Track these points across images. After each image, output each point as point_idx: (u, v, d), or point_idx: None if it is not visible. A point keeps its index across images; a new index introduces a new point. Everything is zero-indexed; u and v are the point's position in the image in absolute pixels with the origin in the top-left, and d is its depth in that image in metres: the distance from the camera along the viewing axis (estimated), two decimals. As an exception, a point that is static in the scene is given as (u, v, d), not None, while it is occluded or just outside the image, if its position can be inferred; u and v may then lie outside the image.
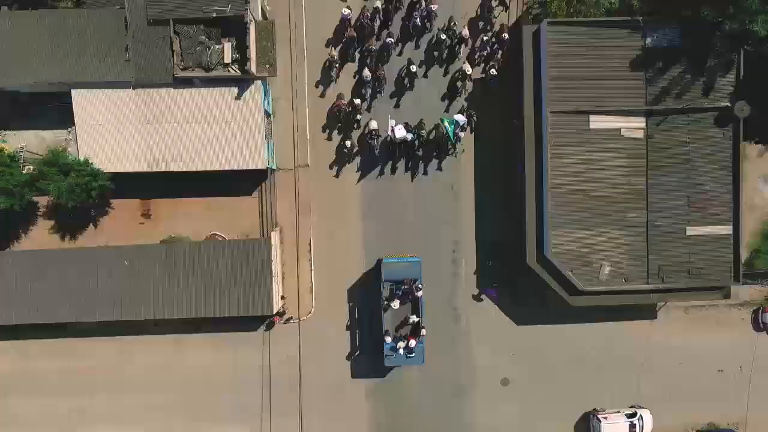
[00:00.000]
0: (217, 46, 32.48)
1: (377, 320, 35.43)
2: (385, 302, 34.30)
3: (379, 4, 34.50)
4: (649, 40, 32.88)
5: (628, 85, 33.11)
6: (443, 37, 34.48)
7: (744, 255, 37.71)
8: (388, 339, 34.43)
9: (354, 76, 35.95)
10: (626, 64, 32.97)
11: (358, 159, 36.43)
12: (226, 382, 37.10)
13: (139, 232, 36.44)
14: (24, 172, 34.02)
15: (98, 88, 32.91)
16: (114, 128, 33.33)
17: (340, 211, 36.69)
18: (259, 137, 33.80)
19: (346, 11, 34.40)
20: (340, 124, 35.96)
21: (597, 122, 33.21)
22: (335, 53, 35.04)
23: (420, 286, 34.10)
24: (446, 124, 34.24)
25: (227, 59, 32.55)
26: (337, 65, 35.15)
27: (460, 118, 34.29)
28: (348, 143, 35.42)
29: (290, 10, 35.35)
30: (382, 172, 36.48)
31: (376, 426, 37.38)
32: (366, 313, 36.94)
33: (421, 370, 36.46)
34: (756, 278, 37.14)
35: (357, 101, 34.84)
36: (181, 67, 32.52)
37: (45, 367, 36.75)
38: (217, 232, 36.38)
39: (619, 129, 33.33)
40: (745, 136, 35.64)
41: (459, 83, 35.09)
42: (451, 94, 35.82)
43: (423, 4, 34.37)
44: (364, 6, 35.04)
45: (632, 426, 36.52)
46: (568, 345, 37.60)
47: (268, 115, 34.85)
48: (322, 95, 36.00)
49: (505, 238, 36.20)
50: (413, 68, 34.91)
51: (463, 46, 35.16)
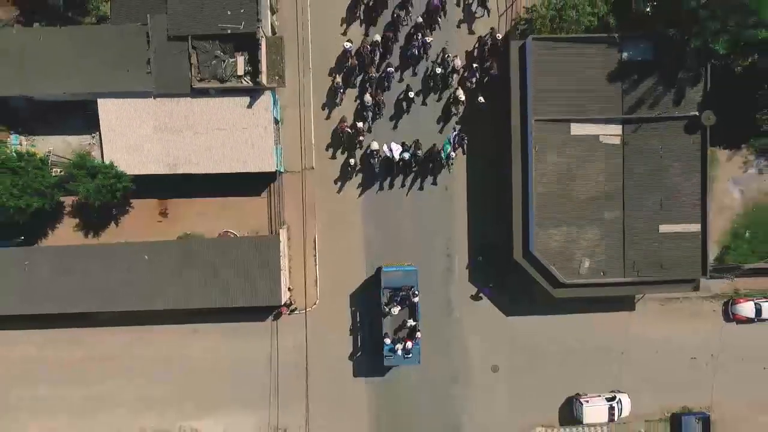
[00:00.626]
0: (231, 60, 35.54)
1: (377, 323, 38.28)
2: (385, 307, 37.20)
3: (378, 37, 37.60)
4: (625, 54, 36.01)
5: (606, 95, 36.24)
6: (438, 70, 37.58)
7: (715, 251, 40.99)
8: (387, 341, 37.37)
9: (355, 100, 39.05)
10: (604, 77, 36.10)
11: (360, 175, 39.46)
12: (236, 370, 39.88)
13: (157, 230, 39.35)
14: (53, 174, 36.91)
15: (122, 97, 35.93)
16: (136, 134, 36.32)
17: (343, 215, 39.66)
18: (269, 142, 36.80)
19: (348, 44, 37.70)
20: (344, 144, 39.02)
21: (577, 129, 36.34)
22: (339, 80, 38.12)
23: (416, 292, 37.02)
24: (444, 146, 37.61)
25: (240, 71, 35.61)
26: (341, 91, 38.22)
27: (452, 135, 37.58)
28: (351, 161, 38.59)
29: (298, 26, 38.53)
30: (381, 187, 39.54)
31: (376, 407, 40.22)
32: (366, 317, 39.79)
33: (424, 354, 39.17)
34: (725, 272, 40.15)
35: (360, 124, 37.96)
36: (198, 78, 35.59)
37: (68, 355, 39.63)
38: (229, 230, 39.33)
39: (598, 135, 36.44)
40: (715, 141, 39.03)
41: (453, 107, 38.22)
42: (445, 116, 38.94)
43: (419, 36, 37.45)
44: (365, 38, 38.27)
45: (611, 408, 39.48)
46: (553, 335, 40.53)
47: (276, 122, 37.84)
48: (328, 117, 39.15)
49: (495, 235, 39.16)
50: (411, 94, 38.08)
51: (455, 75, 38.23)
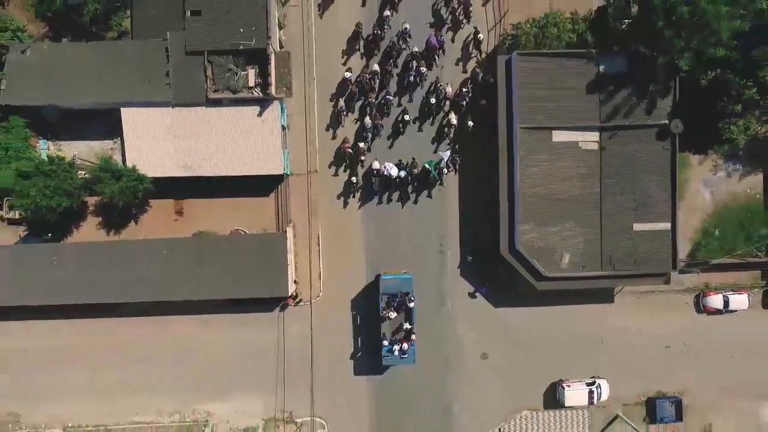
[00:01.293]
0: (243, 73, 38.94)
1: (376, 324, 41.45)
2: (383, 312, 40.53)
3: (377, 67, 40.99)
4: (602, 68, 39.34)
5: (584, 105, 39.56)
6: (432, 101, 41.03)
7: (688, 248, 44.36)
8: (385, 342, 40.72)
9: (355, 122, 42.46)
10: (583, 88, 39.44)
11: (361, 190, 42.86)
12: (245, 357, 43.03)
13: (173, 228, 42.69)
14: (79, 177, 40.25)
15: (143, 106, 39.28)
16: (156, 140, 39.66)
17: (345, 216, 43.08)
18: (277, 147, 40.20)
19: (348, 74, 41.28)
20: (346, 162, 42.47)
21: (559, 136, 39.70)
22: (342, 103, 41.50)
23: (412, 298, 40.34)
24: (427, 166, 41.02)
25: (251, 83, 39.00)
26: (344, 114, 41.61)
27: (446, 155, 40.92)
28: (353, 179, 42.02)
29: (304, 42, 42.01)
30: (380, 201, 42.93)
31: (375, 392, 43.53)
32: (366, 317, 42.98)
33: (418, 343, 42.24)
34: (696, 267, 43.42)
35: (362, 145, 41.40)
36: (212, 89, 38.97)
37: (92, 343, 42.89)
38: (240, 228, 42.65)
39: (577, 142, 39.80)
40: (687, 147, 42.38)
41: (446, 129, 41.60)
42: (438, 137, 42.32)
43: (414, 63, 40.87)
44: (364, 68, 41.73)
45: (591, 393, 42.69)
46: (538, 325, 43.77)
47: (284, 128, 41.23)
48: (334, 137, 42.64)
49: (483, 236, 42.29)
50: (406, 117, 41.47)
51: (447, 101, 41.63)
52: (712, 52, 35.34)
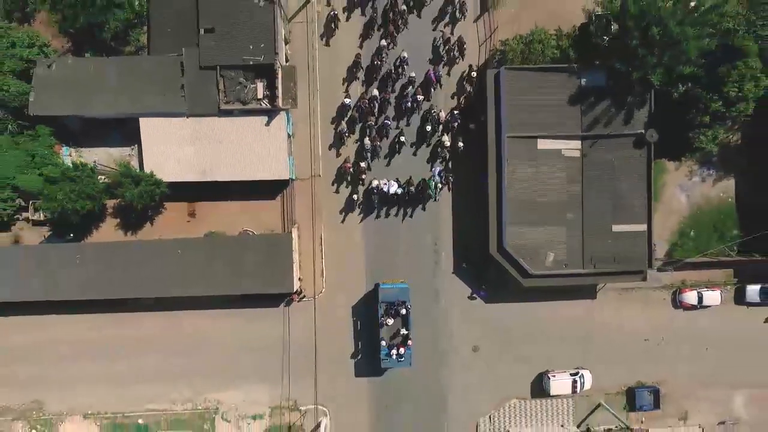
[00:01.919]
0: (252, 86, 42.16)
1: (375, 329, 44.41)
2: (382, 318, 43.63)
3: (376, 92, 44.20)
4: (583, 81, 42.55)
5: (567, 116, 42.77)
6: (428, 128, 44.21)
7: (665, 247, 47.53)
8: (384, 347, 43.78)
9: (356, 143, 45.68)
10: (566, 100, 42.65)
11: (362, 206, 46.02)
12: (253, 349, 45.95)
13: (186, 228, 45.77)
14: (101, 181, 43.44)
15: (160, 116, 42.45)
16: (171, 147, 42.83)
17: (347, 225, 46.35)
18: (283, 154, 43.41)
19: (347, 100, 44.53)
20: (347, 180, 45.68)
21: (543, 144, 42.92)
22: (344, 125, 44.74)
23: (409, 307, 43.39)
24: (430, 183, 44.22)
25: (260, 95, 42.21)
26: (346, 135, 44.86)
27: (437, 170, 44.21)
28: (355, 197, 45.29)
29: (308, 56, 45.27)
30: (378, 215, 46.12)
31: (374, 380, 46.50)
32: (366, 325, 46.01)
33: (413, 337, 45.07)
34: (671, 265, 46.57)
35: (362, 164, 44.64)
36: (224, 101, 42.17)
37: (110, 335, 45.94)
38: (248, 228, 45.77)
39: (561, 149, 43.00)
40: (665, 154, 45.52)
41: (440, 149, 44.75)
42: (432, 157, 45.51)
43: (411, 88, 44.13)
44: (364, 92, 44.98)
45: (574, 382, 45.73)
46: (526, 319, 46.74)
47: (289, 136, 44.39)
48: (338, 155, 45.83)
49: (474, 237, 45.39)
50: (402, 138, 44.65)
51: (441, 126, 44.72)
52: (681, 68, 38.52)
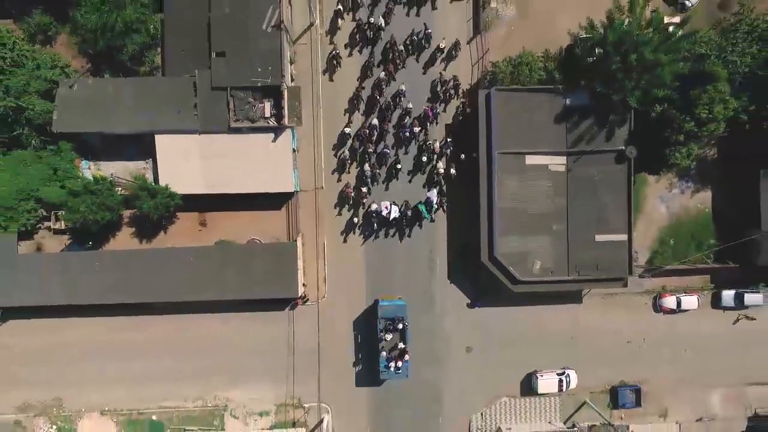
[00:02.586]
0: (260, 105, 45.18)
1: (374, 343, 47.34)
2: (381, 333, 46.59)
3: (376, 121, 47.27)
4: (568, 101, 45.60)
5: (553, 133, 45.82)
6: (424, 159, 47.42)
7: (646, 255, 50.60)
8: (383, 360, 46.72)
9: (357, 168, 48.75)
10: (552, 119, 45.69)
11: (362, 227, 49.05)
12: (260, 350, 48.83)
13: (198, 237, 48.75)
14: (119, 193, 46.47)
15: (174, 133, 45.48)
16: (185, 162, 45.81)
17: (349, 245, 49.39)
18: (289, 169, 46.45)
19: (347, 129, 47.67)
20: (349, 203, 48.76)
21: (531, 160, 45.99)
22: (347, 153, 47.82)
23: (406, 323, 46.28)
24: (421, 208, 47.16)
25: (267, 114, 45.24)
26: (348, 162, 47.93)
27: (434, 196, 47.15)
28: (355, 219, 48.32)
29: (312, 75, 48.43)
30: (377, 236, 49.17)
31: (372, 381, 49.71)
32: (365, 335, 48.86)
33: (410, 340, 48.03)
34: (651, 272, 49.63)
35: (363, 189, 47.65)
36: (234, 119, 45.20)
37: (126, 337, 48.79)
38: (256, 237, 48.78)
39: (547, 165, 46.05)
40: (645, 168, 48.55)
41: (435, 176, 47.81)
42: (428, 182, 48.54)
43: (408, 119, 47.29)
44: (364, 122, 48.03)
45: (561, 382, 48.75)
46: (516, 322, 49.68)
47: (294, 151, 47.42)
48: (339, 180, 49.00)
49: (467, 243, 48.54)
50: (398, 166, 47.78)
51: (435, 155, 47.69)
52: (656, 91, 41.62)
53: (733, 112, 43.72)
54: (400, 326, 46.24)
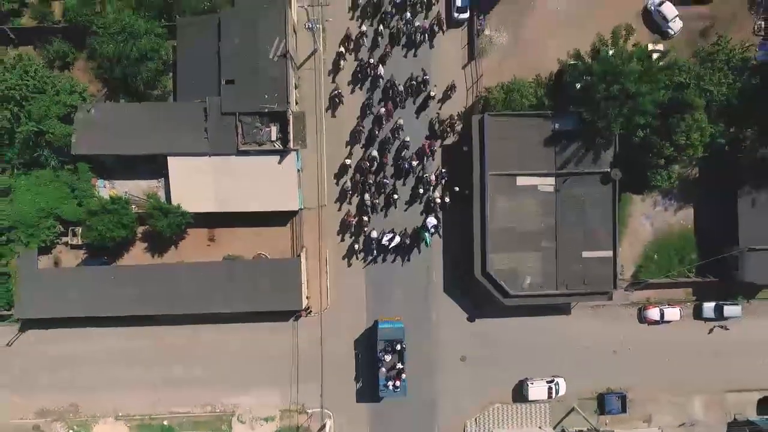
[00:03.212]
0: (266, 129, 47.93)
1: (374, 359, 49.92)
2: (380, 353, 49.27)
3: (375, 153, 50.01)
4: (556, 126, 48.35)
5: (543, 155, 48.56)
6: (420, 190, 50.16)
7: (632, 269, 53.32)
8: (382, 379, 49.43)
9: (357, 196, 51.47)
10: (541, 142, 48.45)
11: (362, 253, 51.75)
12: (265, 358, 51.51)
13: (206, 252, 51.47)
14: (133, 211, 49.20)
15: (186, 156, 48.18)
16: (196, 182, 48.52)
17: (352, 269, 52.20)
18: (294, 188, 49.21)
19: (348, 161, 50.35)
20: (350, 231, 51.52)
21: (522, 181, 48.76)
22: (348, 183, 50.53)
23: (404, 345, 48.90)
24: (424, 235, 49.96)
25: (273, 137, 47.98)
26: (349, 192, 50.72)
27: (431, 222, 49.92)
28: (356, 246, 51.06)
29: (316, 99, 51.26)
30: (375, 261, 51.85)
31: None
32: (365, 355, 51.49)
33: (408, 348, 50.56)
34: (635, 286, 52.41)
35: (365, 218, 50.44)
36: (242, 142, 47.93)
37: (138, 346, 51.55)
38: (262, 252, 51.50)
39: (537, 185, 48.82)
40: (631, 188, 51.23)
41: (432, 204, 50.49)
42: (425, 210, 51.28)
43: (407, 153, 50.10)
44: (363, 154, 50.85)
45: (550, 389, 51.38)
46: (508, 333, 52.37)
47: (299, 171, 50.18)
48: (339, 209, 51.83)
49: (461, 261, 51.38)
50: (396, 196, 50.50)
51: (432, 187, 50.51)
52: (638, 119, 44.42)
53: (710, 137, 46.48)
54: (399, 348, 48.93)
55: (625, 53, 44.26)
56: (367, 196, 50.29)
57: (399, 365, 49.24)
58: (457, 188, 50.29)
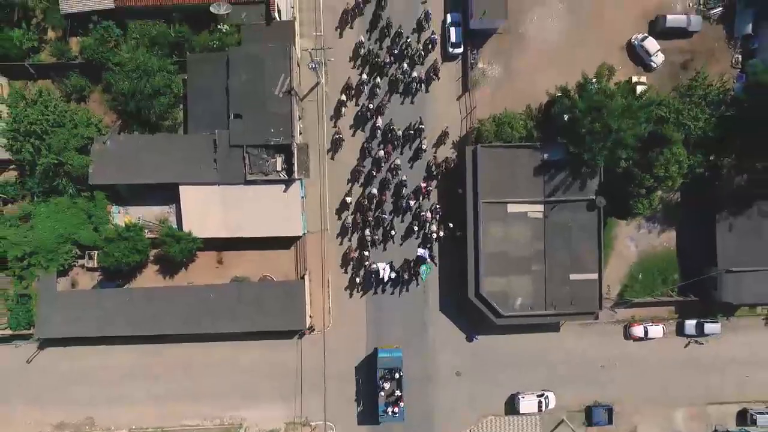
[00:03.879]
0: (272, 160, 50.88)
1: (374, 390, 52.92)
2: (380, 381, 52.30)
3: (375, 191, 53.07)
4: (545, 156, 51.36)
5: (532, 184, 51.57)
6: (415, 228, 53.25)
7: (617, 288, 56.30)
8: (381, 405, 52.33)
9: (358, 232, 54.51)
10: (531, 171, 51.44)
11: (362, 285, 54.76)
12: (271, 374, 54.44)
13: (215, 274, 54.46)
14: (146, 237, 52.15)
15: (197, 185, 51.14)
16: (206, 209, 51.46)
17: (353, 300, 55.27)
18: (298, 215, 52.19)
19: (348, 198, 53.34)
20: (352, 263, 54.55)
21: (512, 208, 51.79)
22: (349, 220, 53.49)
23: (402, 373, 51.83)
24: (422, 269, 52.86)
25: (278, 168, 50.92)
26: (350, 228, 53.69)
27: (426, 254, 52.82)
28: (357, 280, 54.13)
29: (318, 129, 54.29)
30: (375, 292, 54.86)
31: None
32: (365, 385, 54.51)
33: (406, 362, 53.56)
34: (620, 306, 55.42)
35: (366, 252, 53.42)
36: (249, 173, 50.83)
37: (150, 362, 54.41)
38: (268, 274, 54.49)
39: (527, 212, 51.85)
40: (615, 213, 54.20)
41: (428, 236, 53.40)
42: (422, 243, 54.18)
43: (406, 191, 53.12)
44: (363, 191, 53.82)
45: (540, 402, 54.31)
46: (500, 349, 55.40)
47: (302, 198, 53.12)
48: (341, 244, 54.83)
49: (457, 282, 54.30)
50: (393, 232, 53.54)
51: (427, 223, 53.43)
52: (620, 152, 47.49)
53: (688, 168, 49.54)
54: (397, 375, 51.94)
55: (608, 90, 47.25)
56: (368, 231, 53.33)
57: (397, 392, 52.17)
58: (451, 224, 53.28)
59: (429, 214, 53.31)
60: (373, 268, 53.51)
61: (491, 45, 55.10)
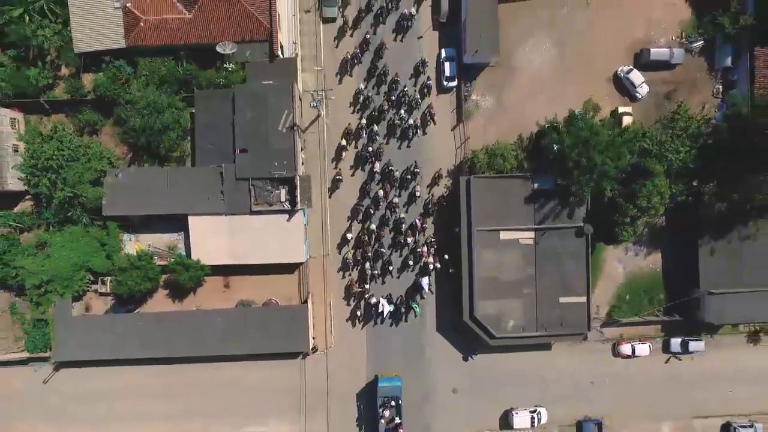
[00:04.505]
0: (276, 191, 53.58)
1: (374, 417, 55.63)
2: (379, 409, 54.79)
3: (374, 227, 55.78)
4: (535, 185, 54.09)
5: (523, 212, 54.31)
6: (410, 262, 55.94)
7: (606, 309, 58.99)
8: (381, 431, 54.89)
9: (358, 266, 57.28)
10: (522, 200, 54.19)
11: (363, 316, 57.48)
12: (275, 392, 57.06)
13: (222, 298, 57.06)
14: (156, 264, 54.87)
15: (204, 215, 53.83)
16: (213, 238, 54.15)
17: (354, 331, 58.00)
18: (301, 243, 54.86)
19: (349, 235, 56.11)
20: (354, 296, 57.25)
21: (504, 235, 54.52)
22: (350, 256, 56.33)
23: (400, 402, 54.43)
24: (414, 306, 55.82)
25: (282, 199, 53.61)
26: (350, 263, 56.49)
27: (425, 283, 55.48)
28: (358, 312, 56.80)
29: (320, 159, 56.93)
30: (375, 323, 57.60)
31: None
32: (366, 411, 57.16)
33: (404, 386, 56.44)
34: (608, 326, 58.12)
35: (366, 286, 56.29)
36: (255, 203, 53.52)
37: (162, 382, 57.02)
38: (273, 297, 57.22)
39: (518, 239, 54.59)
40: (602, 239, 56.84)
41: (425, 267, 56.06)
42: (420, 273, 56.87)
43: (404, 227, 55.72)
44: (362, 227, 56.49)
45: (533, 418, 57.00)
46: (495, 367, 58.02)
47: (305, 225, 55.81)
48: (343, 277, 57.56)
49: (452, 305, 57.16)
50: (390, 267, 56.31)
51: (423, 258, 56.15)
52: (604, 184, 50.24)
53: (670, 197, 52.26)
54: (393, 403, 54.62)
55: (595, 126, 49.97)
56: (368, 265, 56.16)
57: (397, 419, 54.77)
58: (447, 256, 55.98)
59: (425, 248, 56.04)
60: (373, 301, 56.23)
61: (484, 77, 57.81)
